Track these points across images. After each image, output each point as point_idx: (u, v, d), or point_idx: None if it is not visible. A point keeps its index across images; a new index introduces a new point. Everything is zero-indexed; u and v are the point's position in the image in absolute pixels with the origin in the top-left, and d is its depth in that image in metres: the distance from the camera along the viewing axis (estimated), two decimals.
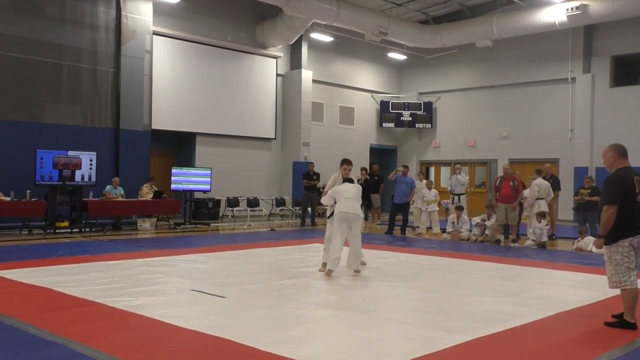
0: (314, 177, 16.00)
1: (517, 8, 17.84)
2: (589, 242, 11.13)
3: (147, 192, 14.19)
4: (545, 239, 11.84)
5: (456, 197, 15.36)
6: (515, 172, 12.85)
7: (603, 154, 5.39)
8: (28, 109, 13.27)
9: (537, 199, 12.58)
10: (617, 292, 5.25)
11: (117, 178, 13.81)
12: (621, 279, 5.07)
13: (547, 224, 12.08)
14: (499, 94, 20.62)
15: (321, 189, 17.29)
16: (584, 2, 16.04)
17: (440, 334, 4.90)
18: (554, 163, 18.67)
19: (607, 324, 5.28)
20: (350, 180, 8.10)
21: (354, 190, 7.78)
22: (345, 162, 8.16)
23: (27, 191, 12.15)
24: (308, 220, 15.99)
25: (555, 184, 13.32)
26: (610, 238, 5.12)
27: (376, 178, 16.27)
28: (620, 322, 5.18)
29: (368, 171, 17.85)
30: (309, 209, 16.07)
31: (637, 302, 5.14)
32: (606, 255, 5.22)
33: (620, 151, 5.28)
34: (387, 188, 16.22)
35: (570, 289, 7.09)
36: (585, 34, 18.39)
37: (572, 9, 16.18)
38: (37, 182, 12.11)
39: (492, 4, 19.22)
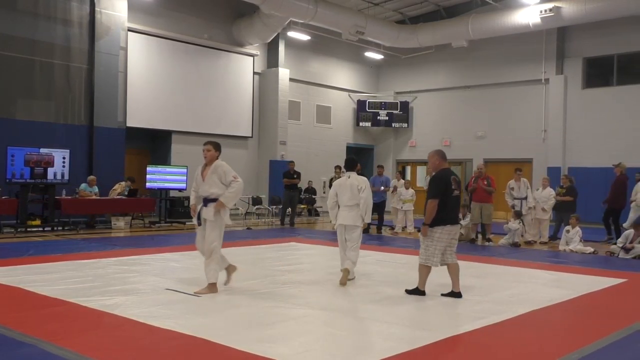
0: (295, 176, 15.93)
1: (492, 9, 18.06)
2: (563, 242, 11.34)
3: (117, 190, 13.93)
4: (517, 239, 12.00)
5: None
6: (482, 170, 12.60)
7: (429, 157, 6.53)
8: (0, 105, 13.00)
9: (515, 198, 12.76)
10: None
11: (94, 177, 13.62)
12: (428, 258, 6.24)
13: (520, 223, 12.19)
14: (474, 94, 20.82)
15: (301, 188, 17.30)
16: (557, 4, 16.34)
17: (417, 332, 4.93)
18: (528, 163, 18.94)
19: (407, 291, 6.45)
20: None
21: (348, 193, 7.18)
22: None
23: None
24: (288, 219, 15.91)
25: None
26: (430, 224, 6.18)
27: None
28: (415, 290, 6.38)
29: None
30: (289, 209, 15.97)
31: (427, 276, 6.34)
32: (422, 236, 6.28)
33: (442, 156, 6.49)
34: None
35: (542, 287, 7.20)
36: (558, 36, 18.68)
37: (545, 10, 16.48)
38: (7, 180, 11.89)
39: (467, 4, 19.42)
